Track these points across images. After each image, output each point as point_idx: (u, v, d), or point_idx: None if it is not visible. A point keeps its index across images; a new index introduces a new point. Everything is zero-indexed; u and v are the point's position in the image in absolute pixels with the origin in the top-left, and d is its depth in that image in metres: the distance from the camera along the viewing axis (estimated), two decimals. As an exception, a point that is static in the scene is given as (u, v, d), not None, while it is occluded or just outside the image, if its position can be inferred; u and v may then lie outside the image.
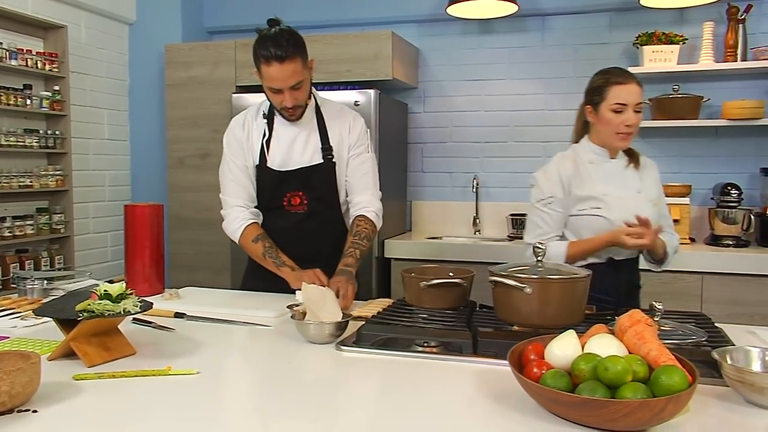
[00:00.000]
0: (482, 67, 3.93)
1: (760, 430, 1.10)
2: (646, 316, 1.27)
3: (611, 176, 2.13)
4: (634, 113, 2.04)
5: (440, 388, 1.33)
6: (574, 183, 2.11)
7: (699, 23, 3.47)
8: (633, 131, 2.08)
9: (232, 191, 2.21)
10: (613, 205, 2.07)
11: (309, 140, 2.19)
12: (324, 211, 2.21)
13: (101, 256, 4.00)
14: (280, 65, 1.97)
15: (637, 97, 2.04)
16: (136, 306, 1.48)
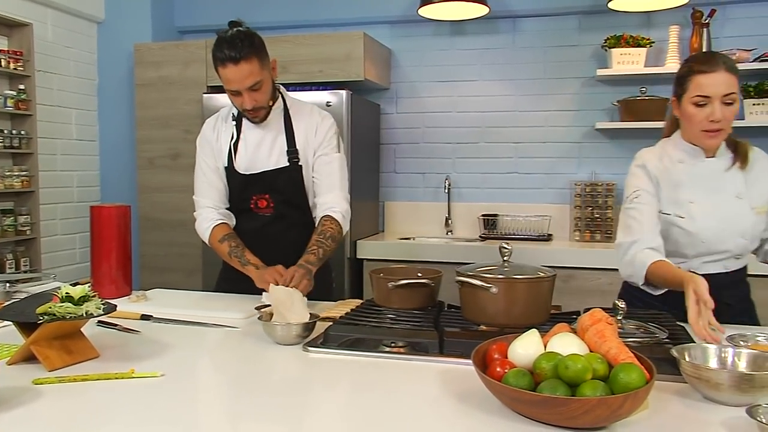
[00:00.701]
0: (454, 69, 3.95)
1: (717, 426, 1.12)
2: (607, 315, 1.29)
3: (704, 179, 1.85)
4: (723, 105, 1.76)
5: (406, 388, 1.33)
6: (663, 180, 1.88)
7: (665, 27, 3.53)
8: (721, 127, 1.78)
9: (203, 192, 2.22)
10: (698, 214, 1.82)
11: (275, 143, 2.18)
12: (291, 214, 2.21)
13: (69, 258, 3.94)
14: (235, 66, 1.95)
15: (724, 87, 1.74)
16: (99, 308, 1.46)
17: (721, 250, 1.85)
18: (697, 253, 1.87)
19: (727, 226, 1.82)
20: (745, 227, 1.83)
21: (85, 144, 4.08)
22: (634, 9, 3.38)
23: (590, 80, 3.74)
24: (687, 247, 1.87)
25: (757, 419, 1.05)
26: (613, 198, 3.61)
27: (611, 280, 3.20)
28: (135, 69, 3.90)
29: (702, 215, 1.83)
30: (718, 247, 1.85)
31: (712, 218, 1.82)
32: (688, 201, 1.85)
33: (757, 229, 1.85)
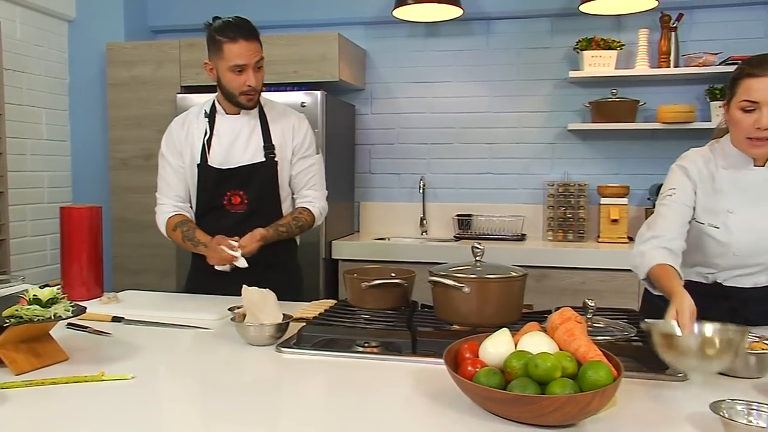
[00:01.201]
0: (429, 70, 3.96)
1: (682, 421, 1.14)
2: (576, 314, 1.30)
3: (749, 188, 1.74)
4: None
5: (379, 388, 1.33)
6: (703, 186, 1.79)
7: (635, 30, 3.58)
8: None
9: (162, 189, 2.27)
10: (735, 225, 1.72)
11: (251, 138, 2.20)
12: (264, 211, 2.21)
13: (40, 259, 3.86)
14: (246, 42, 2.06)
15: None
16: (68, 311, 1.44)
17: (753, 264, 1.76)
18: (728, 266, 1.79)
19: (764, 240, 1.71)
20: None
21: (56, 144, 4.01)
22: (605, 12, 3.42)
23: (562, 82, 3.78)
24: (719, 258, 1.79)
25: (720, 414, 1.07)
26: (585, 198, 3.65)
27: (584, 279, 3.24)
28: (107, 68, 3.84)
29: (739, 227, 1.73)
30: (752, 261, 1.75)
31: (751, 230, 1.71)
32: (726, 210, 1.75)
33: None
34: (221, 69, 2.11)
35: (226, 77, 2.11)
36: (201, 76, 3.69)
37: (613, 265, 3.18)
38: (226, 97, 2.18)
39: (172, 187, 2.24)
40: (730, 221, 1.74)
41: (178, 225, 2.19)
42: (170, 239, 2.27)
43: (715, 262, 1.80)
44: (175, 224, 2.20)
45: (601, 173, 3.76)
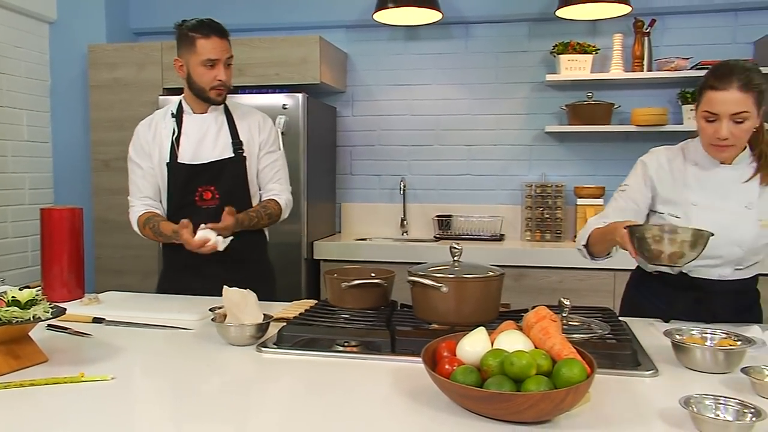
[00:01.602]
0: (409, 73, 3.96)
1: (654, 416, 1.15)
2: (551, 312, 1.31)
3: (714, 185, 1.80)
4: (733, 124, 1.69)
5: (358, 386, 1.33)
6: (664, 180, 1.86)
7: (609, 35, 3.61)
8: (730, 144, 1.71)
9: (132, 192, 2.32)
10: (696, 217, 1.77)
11: (219, 135, 2.25)
12: (235, 206, 2.21)
13: (21, 261, 3.81)
14: (219, 39, 2.16)
15: (733, 105, 1.67)
16: (48, 312, 1.42)
17: (712, 256, 1.76)
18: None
19: (725, 233, 1.73)
20: (744, 237, 1.77)
21: (37, 145, 3.95)
22: (581, 17, 3.45)
23: (540, 85, 3.80)
24: None
25: (689, 408, 1.08)
26: (562, 198, 3.68)
27: (561, 278, 3.26)
28: (89, 70, 3.80)
29: (700, 219, 1.76)
30: (711, 252, 1.71)
31: (710, 223, 1.69)
32: (691, 203, 1.81)
33: (759, 242, 1.78)
34: (193, 64, 2.17)
35: (197, 72, 2.17)
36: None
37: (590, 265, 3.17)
38: (196, 93, 2.22)
39: (141, 189, 2.29)
40: (692, 212, 1.80)
41: (146, 222, 2.24)
42: (146, 237, 2.31)
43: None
44: (144, 221, 2.24)
45: (578, 174, 3.79)
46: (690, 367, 1.41)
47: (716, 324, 1.70)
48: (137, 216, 2.28)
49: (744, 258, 1.82)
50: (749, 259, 1.84)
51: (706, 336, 1.49)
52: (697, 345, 1.42)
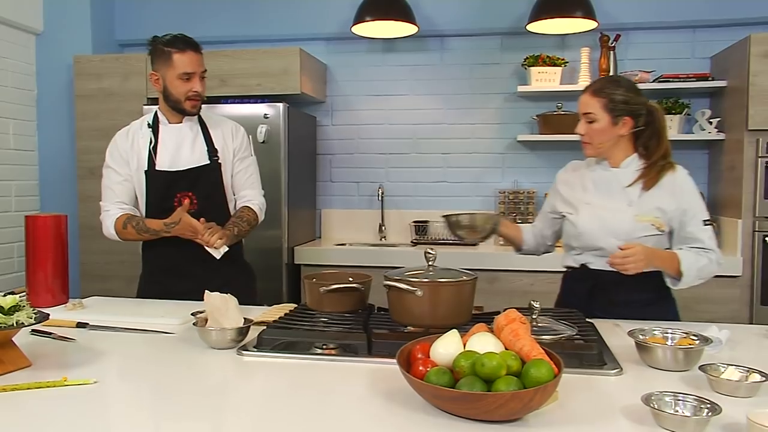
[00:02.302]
0: (386, 84, 3.98)
1: (617, 413, 1.17)
2: (521, 315, 1.32)
3: (602, 184, 2.00)
4: (587, 123, 1.94)
5: (335, 388, 1.32)
6: (567, 186, 2.09)
7: (577, 48, 3.66)
8: (586, 141, 1.96)
9: (107, 197, 2.29)
10: (585, 214, 1.99)
11: (195, 143, 2.26)
12: (213, 211, 2.23)
13: (6, 267, 3.74)
14: (194, 53, 2.18)
15: (583, 106, 1.94)
16: (31, 317, 1.40)
17: (597, 247, 1.97)
18: (579, 245, 2.02)
19: (603, 226, 1.94)
20: (619, 230, 1.92)
21: (23, 154, 3.89)
22: (550, 32, 3.49)
23: (512, 96, 3.84)
24: (573, 239, 2.04)
25: (650, 405, 1.10)
26: (533, 205, 3.70)
27: (533, 281, 3.28)
28: (75, 80, 3.75)
29: (587, 213, 1.99)
30: (594, 243, 1.97)
31: (594, 217, 1.97)
32: (584, 202, 2.01)
33: (635, 235, 1.91)
34: (169, 78, 2.18)
35: (173, 84, 2.18)
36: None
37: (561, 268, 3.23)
38: (172, 105, 2.23)
39: (117, 194, 2.26)
40: (582, 209, 2.01)
41: (127, 221, 2.22)
42: (122, 239, 2.27)
43: (572, 243, 2.05)
44: (124, 222, 2.22)
45: (549, 181, 3.73)
46: (652, 365, 1.43)
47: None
48: (113, 219, 2.25)
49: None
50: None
51: (667, 336, 1.52)
52: (659, 344, 1.44)
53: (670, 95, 3.54)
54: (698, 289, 2.67)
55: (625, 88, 1.94)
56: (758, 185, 3.17)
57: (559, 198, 2.11)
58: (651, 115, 1.96)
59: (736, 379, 1.26)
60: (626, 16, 3.61)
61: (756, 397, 1.23)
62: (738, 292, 3.18)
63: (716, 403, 1.10)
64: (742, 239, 3.19)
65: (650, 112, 1.96)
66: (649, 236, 1.92)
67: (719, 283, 3.15)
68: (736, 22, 3.52)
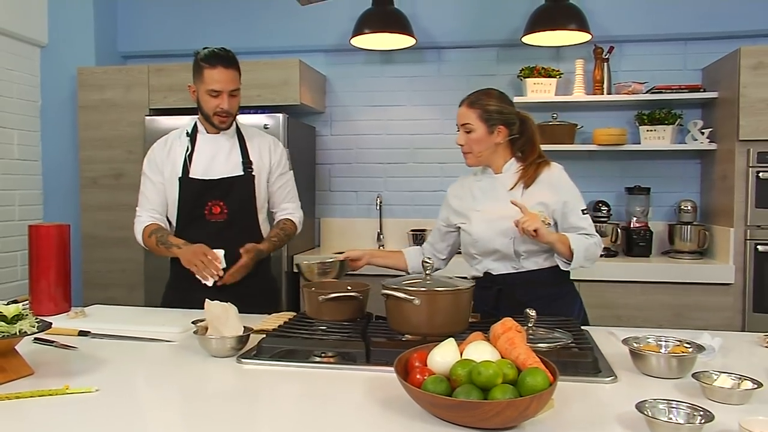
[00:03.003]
0: (384, 94, 3.99)
1: (612, 420, 1.16)
2: (517, 324, 1.32)
3: (489, 191, 2.08)
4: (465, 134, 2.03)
5: (334, 396, 1.32)
6: (457, 199, 2.16)
7: (572, 60, 3.67)
8: (466, 150, 2.04)
9: (141, 204, 2.30)
10: (476, 220, 2.06)
11: (231, 154, 2.26)
12: (243, 221, 2.25)
13: (10, 275, 3.73)
14: (225, 69, 2.15)
15: (462, 117, 2.04)
16: (34, 326, 1.40)
17: (493, 249, 2.03)
18: (478, 251, 2.07)
19: (494, 228, 2.01)
20: (509, 228, 1.96)
21: (27, 164, 3.89)
22: (545, 44, 3.50)
23: (507, 107, 3.84)
24: (472, 247, 2.08)
25: (644, 413, 1.10)
26: (528, 213, 3.70)
27: (527, 289, 3.28)
28: (78, 92, 3.76)
29: (478, 219, 2.05)
30: (490, 246, 2.03)
31: (483, 221, 2.04)
32: (475, 210, 2.08)
33: (522, 240, 1.97)
34: (201, 91, 2.19)
35: (203, 99, 2.19)
36: (168, 99, 3.64)
37: (555, 275, 3.23)
38: (204, 118, 2.24)
39: (150, 201, 2.27)
40: (473, 216, 2.07)
41: (153, 232, 2.21)
42: (146, 246, 2.28)
43: (471, 252, 2.10)
44: (150, 231, 2.22)
45: (543, 191, 3.82)
46: (646, 373, 1.43)
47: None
48: (143, 225, 2.25)
49: (516, 246, 2.01)
50: (522, 248, 2.01)
51: (660, 343, 1.52)
52: (653, 352, 1.44)
53: (663, 106, 3.55)
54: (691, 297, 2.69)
55: (497, 99, 2.04)
56: (749, 194, 3.18)
57: (451, 211, 2.16)
58: (524, 123, 2.08)
59: (729, 387, 1.26)
60: (620, 28, 3.63)
61: (748, 405, 1.23)
62: (731, 300, 3.18)
63: (709, 410, 1.10)
64: (734, 247, 3.20)
65: (522, 120, 2.08)
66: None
67: (712, 291, 3.16)
68: (726, 35, 3.54)
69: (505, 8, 3.72)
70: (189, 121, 2.32)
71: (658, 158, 3.69)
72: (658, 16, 3.59)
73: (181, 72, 3.63)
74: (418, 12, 3.76)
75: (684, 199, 3.57)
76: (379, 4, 3.49)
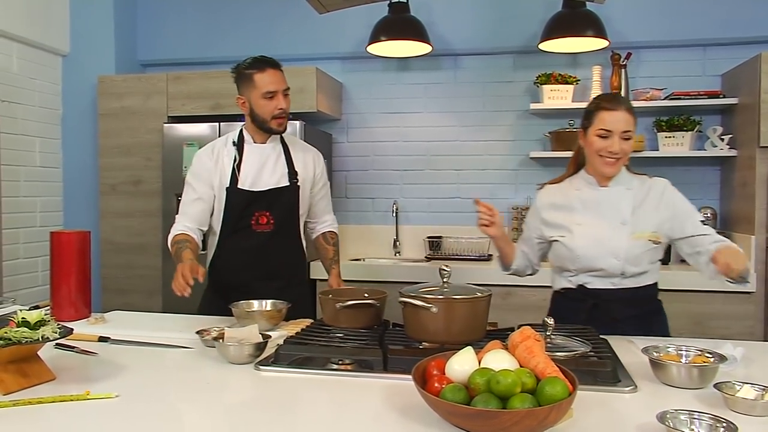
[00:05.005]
0: (401, 101, 3.99)
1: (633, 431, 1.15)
2: (535, 332, 1.31)
3: (594, 205, 1.97)
4: (622, 140, 1.88)
5: (351, 403, 1.32)
6: (553, 210, 2.03)
7: (589, 67, 3.65)
8: (619, 157, 1.90)
9: (180, 212, 2.29)
10: (579, 234, 1.95)
11: (277, 165, 2.28)
12: (287, 231, 2.29)
13: (31, 281, 3.79)
14: (274, 71, 2.20)
15: (623, 124, 1.87)
16: (56, 332, 1.41)
17: (597, 268, 1.93)
18: (576, 268, 1.98)
19: (601, 247, 1.91)
20: (619, 250, 1.90)
21: (48, 171, 3.95)
22: (562, 50, 3.49)
23: (524, 113, 3.83)
24: (569, 262, 1.98)
25: (665, 423, 1.09)
26: (545, 220, 3.68)
27: (545, 297, 3.23)
28: (98, 100, 3.81)
29: (581, 235, 1.94)
30: (594, 265, 1.93)
31: (589, 238, 1.93)
32: (576, 223, 1.96)
33: (633, 253, 1.90)
34: (254, 98, 2.19)
35: (258, 104, 2.19)
36: (186, 107, 3.68)
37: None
38: (259, 125, 2.24)
39: (187, 212, 2.26)
40: (576, 231, 1.96)
41: (176, 242, 2.20)
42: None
43: (568, 266, 1.99)
44: (176, 241, 2.21)
45: (560, 197, 3.80)
46: (666, 382, 1.41)
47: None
48: (174, 234, 2.24)
49: (624, 268, 1.92)
50: (630, 270, 1.92)
51: (681, 353, 1.50)
52: (673, 362, 1.42)
53: (682, 112, 3.52)
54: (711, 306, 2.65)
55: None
56: (771, 201, 3.13)
57: (544, 223, 2.06)
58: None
59: (752, 398, 1.24)
60: (637, 34, 3.61)
61: (772, 416, 1.21)
62: (752, 308, 3.13)
63: (732, 421, 1.08)
64: (755, 255, 3.15)
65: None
66: (647, 251, 1.92)
67: (733, 299, 3.11)
68: (746, 41, 3.50)
69: (522, 15, 3.72)
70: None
71: (677, 165, 3.65)
72: (676, 21, 3.56)
73: (198, 80, 3.67)
74: (434, 19, 3.76)
75: (704, 206, 3.53)
76: (396, 11, 3.50)
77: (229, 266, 2.27)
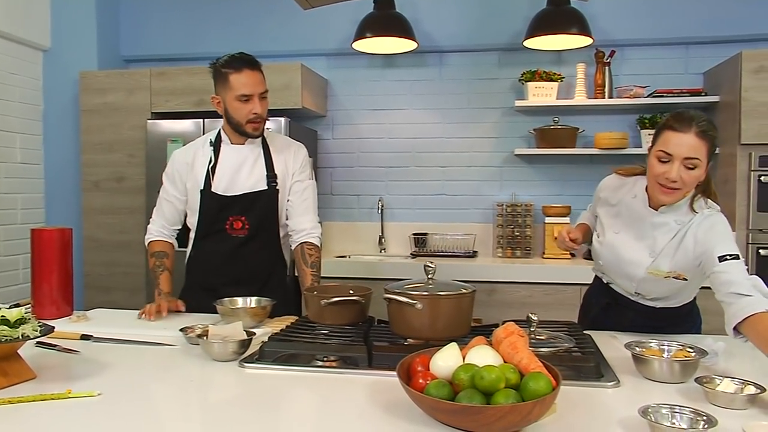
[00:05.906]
0: (386, 98, 3.99)
1: (614, 425, 1.16)
2: (519, 328, 1.31)
3: (637, 222, 1.82)
4: (684, 169, 1.63)
5: (336, 400, 1.32)
6: (605, 204, 1.94)
7: (573, 64, 3.68)
8: (678, 187, 1.66)
9: (156, 212, 2.29)
10: (608, 242, 1.87)
11: (255, 167, 2.18)
12: (263, 236, 2.20)
13: (12, 278, 3.73)
14: (251, 72, 2.06)
15: (688, 149, 1.61)
16: (36, 330, 1.39)
17: (615, 280, 1.94)
18: (600, 266, 2.00)
19: (620, 266, 1.87)
20: (633, 275, 1.84)
21: (29, 167, 3.90)
22: (547, 48, 3.51)
23: (509, 110, 3.85)
24: (600, 259, 1.96)
25: (647, 417, 1.10)
26: (531, 217, 3.71)
27: (530, 293, 3.28)
28: (80, 95, 3.77)
29: (609, 245, 1.89)
30: (614, 276, 1.93)
31: (614, 253, 1.87)
32: (613, 231, 1.89)
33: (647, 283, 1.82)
34: (228, 100, 2.08)
35: (233, 107, 2.09)
36: (170, 103, 3.65)
37: (557, 280, 3.24)
38: (233, 127, 2.15)
39: (163, 211, 2.26)
40: (608, 238, 1.89)
41: (154, 255, 2.21)
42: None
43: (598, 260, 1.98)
44: (152, 253, 2.22)
45: (546, 194, 3.83)
46: (649, 377, 1.43)
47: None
48: (149, 240, 2.26)
49: (640, 292, 1.86)
50: (646, 295, 1.86)
51: (663, 348, 1.51)
52: (655, 357, 1.44)
53: (665, 110, 3.55)
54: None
55: (714, 125, 1.67)
56: (751, 198, 3.18)
57: (598, 205, 1.98)
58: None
59: (732, 392, 1.26)
60: (621, 32, 3.63)
61: (751, 409, 1.23)
62: (733, 304, 3.17)
63: (712, 415, 1.10)
64: (736, 251, 3.19)
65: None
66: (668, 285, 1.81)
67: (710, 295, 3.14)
68: (727, 39, 3.55)
69: (507, 12, 3.73)
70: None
71: (659, 162, 3.69)
72: (660, 20, 3.59)
73: (182, 76, 3.64)
74: (419, 16, 3.77)
75: (686, 202, 3.57)
76: (381, 8, 3.50)
77: (203, 268, 2.22)
